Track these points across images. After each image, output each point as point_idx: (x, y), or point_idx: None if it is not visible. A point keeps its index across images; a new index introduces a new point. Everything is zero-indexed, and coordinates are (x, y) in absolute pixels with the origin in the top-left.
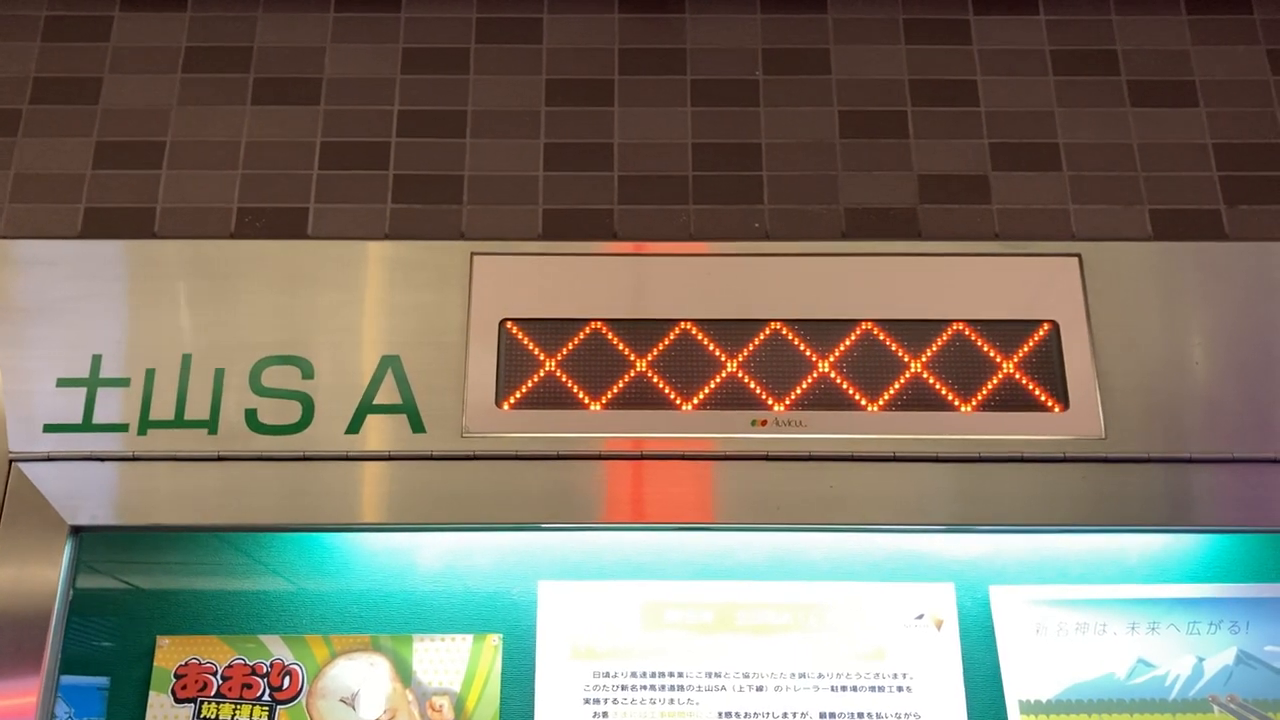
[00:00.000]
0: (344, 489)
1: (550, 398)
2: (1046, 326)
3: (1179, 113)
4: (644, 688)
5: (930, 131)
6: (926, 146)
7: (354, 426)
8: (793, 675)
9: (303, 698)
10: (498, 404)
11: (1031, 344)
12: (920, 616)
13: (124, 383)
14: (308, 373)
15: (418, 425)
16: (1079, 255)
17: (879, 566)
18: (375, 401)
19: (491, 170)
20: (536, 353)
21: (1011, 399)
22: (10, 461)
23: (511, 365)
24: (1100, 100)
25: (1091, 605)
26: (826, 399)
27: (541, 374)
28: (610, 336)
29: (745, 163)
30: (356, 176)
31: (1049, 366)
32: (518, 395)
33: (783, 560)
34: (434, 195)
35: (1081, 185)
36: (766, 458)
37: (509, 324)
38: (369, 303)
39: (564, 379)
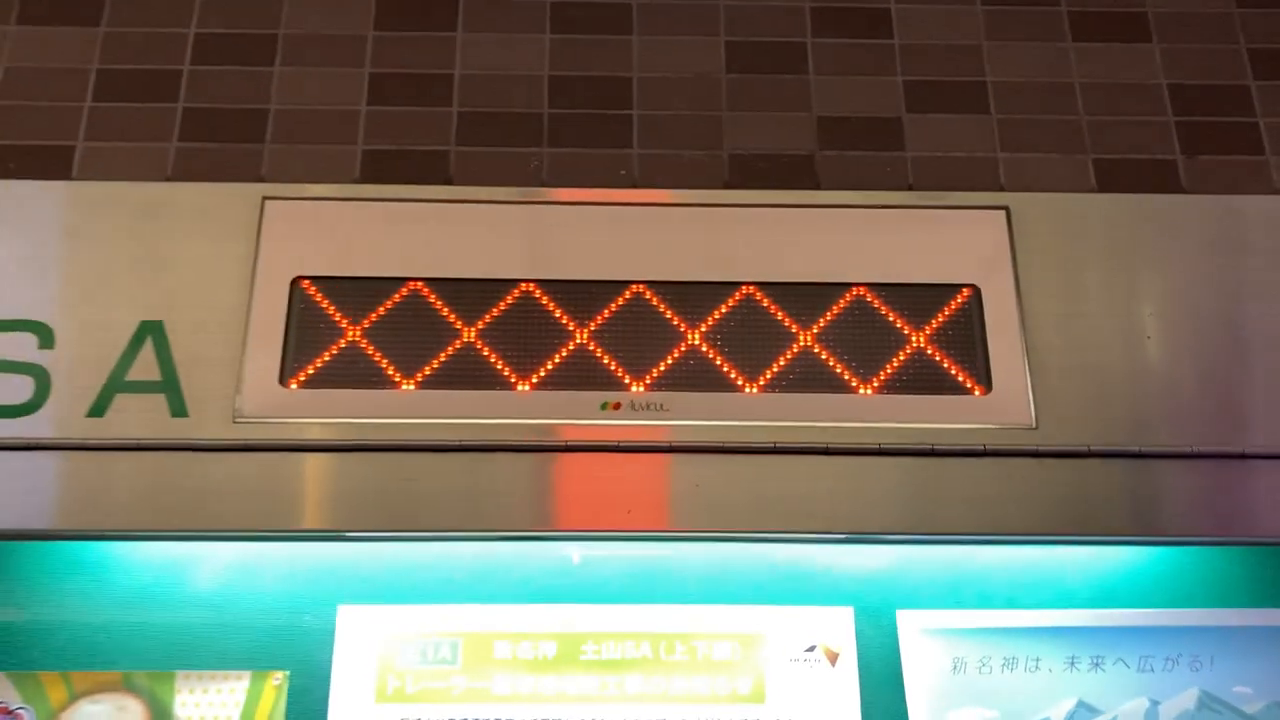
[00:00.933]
0: (83, 486)
1: (351, 375)
2: (965, 292)
3: (1128, 49)
4: None
5: (833, 67)
6: (828, 84)
7: (98, 409)
8: None
9: None
10: (283, 382)
11: (947, 313)
12: (811, 649)
13: None
14: (46, 341)
15: (178, 408)
16: (1006, 208)
17: (759, 586)
18: (128, 378)
19: (303, 104)
20: (338, 319)
21: (921, 379)
22: None
23: (304, 334)
24: (1035, 33)
25: (1021, 635)
26: (695, 377)
27: (342, 345)
28: (432, 299)
29: (612, 100)
30: (138, 110)
31: (968, 340)
32: (310, 371)
33: (639, 578)
34: (231, 132)
35: (1012, 131)
36: (618, 449)
37: (304, 283)
38: (132, 257)
39: (371, 351)
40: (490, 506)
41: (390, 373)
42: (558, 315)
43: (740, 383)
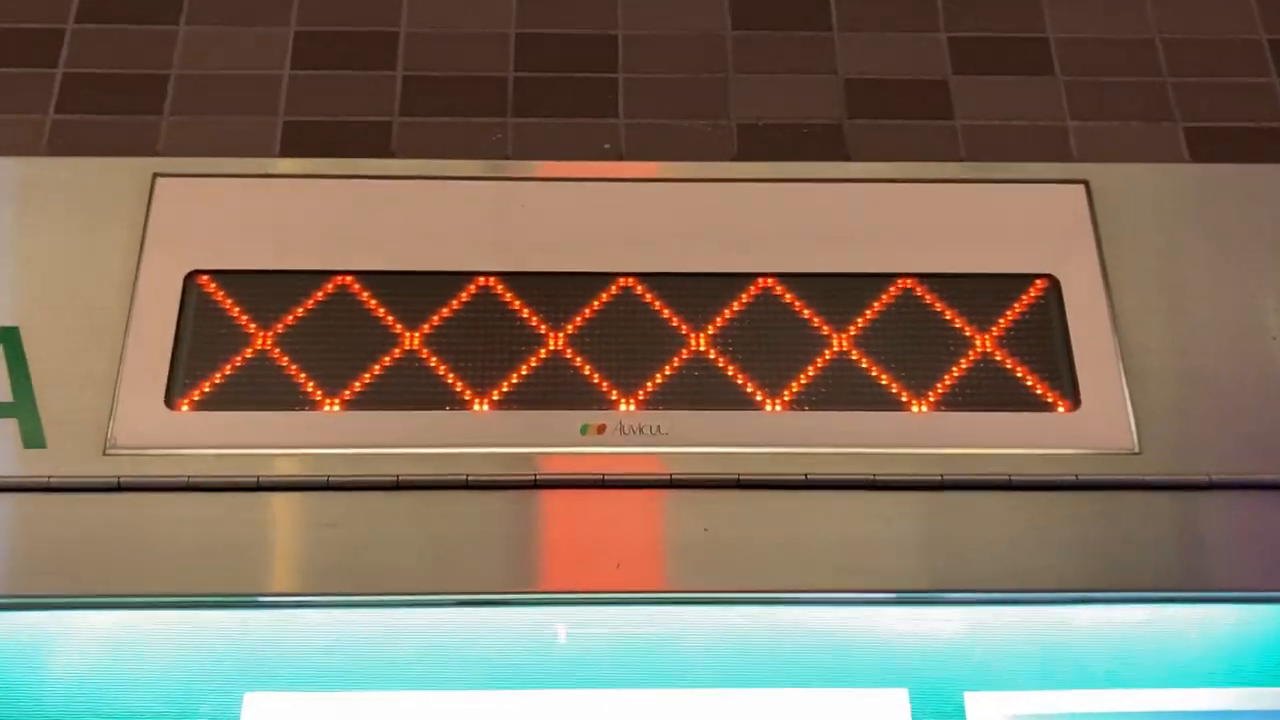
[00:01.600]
0: None
1: (260, 394)
2: (1040, 284)
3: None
4: None
5: (863, 22)
6: (859, 42)
7: None
8: None
9: None
10: (170, 403)
11: (1018, 309)
12: None
13: None
14: None
15: (34, 436)
16: (1086, 182)
17: (790, 663)
18: None
19: (212, 68)
20: (244, 323)
21: (990, 393)
22: None
23: (200, 343)
24: None
25: None
26: (700, 392)
27: (249, 356)
28: (365, 298)
29: (593, 61)
30: (6, 76)
31: (1046, 343)
32: (205, 389)
33: (632, 654)
34: (122, 101)
35: (1083, 95)
36: (603, 484)
37: (202, 279)
38: None
39: (285, 364)
40: (438, 561)
41: (310, 390)
42: (525, 316)
43: (759, 398)
